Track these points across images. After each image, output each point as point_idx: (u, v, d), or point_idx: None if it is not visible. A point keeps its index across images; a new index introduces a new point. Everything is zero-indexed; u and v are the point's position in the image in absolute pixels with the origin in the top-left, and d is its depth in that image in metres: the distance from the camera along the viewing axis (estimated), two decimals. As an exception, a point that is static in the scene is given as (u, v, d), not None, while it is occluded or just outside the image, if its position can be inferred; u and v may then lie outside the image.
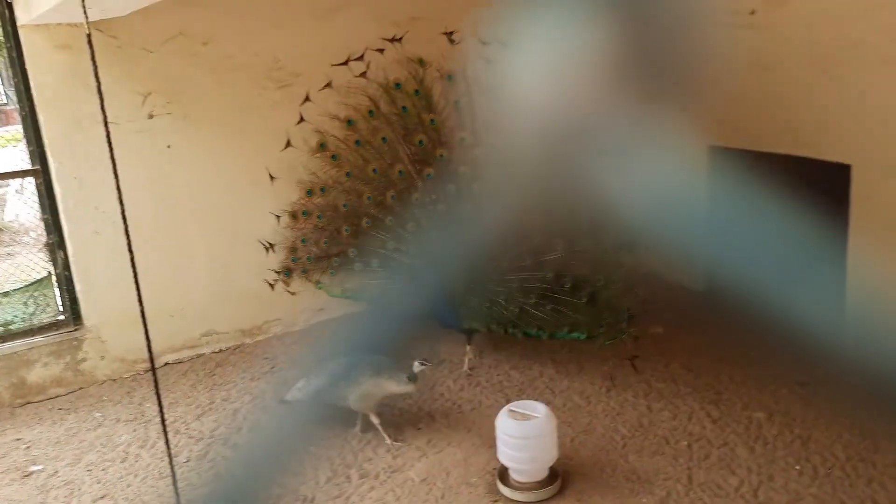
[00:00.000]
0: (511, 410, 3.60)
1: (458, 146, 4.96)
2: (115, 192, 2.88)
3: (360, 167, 5.23)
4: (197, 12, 5.04)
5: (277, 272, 5.62)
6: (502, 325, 4.69)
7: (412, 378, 3.95)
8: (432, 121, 5.02)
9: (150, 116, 5.06)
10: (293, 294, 5.69)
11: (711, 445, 3.86)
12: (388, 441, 4.06)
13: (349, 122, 5.29)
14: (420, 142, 5.04)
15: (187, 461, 4.09)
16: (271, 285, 5.65)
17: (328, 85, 5.36)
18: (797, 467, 3.62)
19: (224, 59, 5.23)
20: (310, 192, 5.42)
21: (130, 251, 2.72)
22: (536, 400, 3.82)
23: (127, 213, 2.92)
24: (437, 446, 4.03)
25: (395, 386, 3.98)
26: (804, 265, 0.41)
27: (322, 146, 5.37)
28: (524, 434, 3.49)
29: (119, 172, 2.88)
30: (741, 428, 3.99)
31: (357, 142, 5.22)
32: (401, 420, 4.27)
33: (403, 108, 5.11)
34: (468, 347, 4.90)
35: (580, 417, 4.23)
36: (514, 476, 3.57)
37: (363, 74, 5.35)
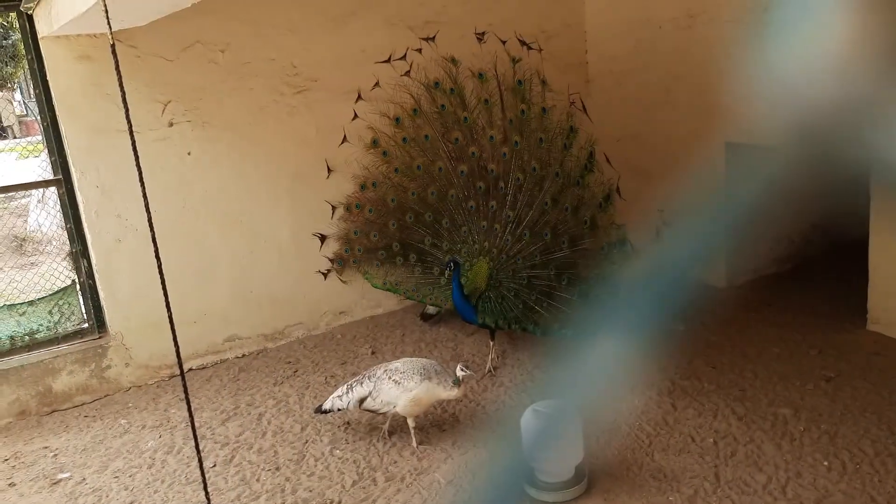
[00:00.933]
0: (535, 410, 3.59)
1: (488, 144, 5.01)
2: (137, 200, 2.90)
3: (406, 163, 5.33)
4: (213, 20, 5.08)
5: (332, 260, 5.74)
6: (508, 320, 4.74)
7: (457, 383, 3.96)
8: (465, 119, 5.07)
9: (171, 124, 5.10)
10: (345, 283, 5.84)
11: (738, 442, 3.84)
12: (415, 444, 4.07)
13: (397, 121, 5.36)
14: (456, 139, 5.11)
15: (213, 466, 4.11)
16: (324, 275, 5.76)
17: (377, 84, 5.46)
18: (825, 463, 3.60)
19: (241, 66, 5.27)
20: (363, 187, 5.56)
21: (158, 258, 2.74)
22: (561, 399, 3.80)
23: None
24: (463, 448, 4.04)
25: (443, 391, 3.97)
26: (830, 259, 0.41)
27: (375, 143, 5.46)
28: (550, 434, 3.48)
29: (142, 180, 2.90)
30: (767, 424, 3.97)
31: (405, 139, 5.30)
32: (425, 422, 4.28)
33: (442, 106, 5.17)
34: (492, 345, 4.92)
35: (605, 416, 4.21)
36: (541, 476, 3.57)
37: (407, 73, 5.41)
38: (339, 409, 4.17)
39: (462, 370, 3.94)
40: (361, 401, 4.07)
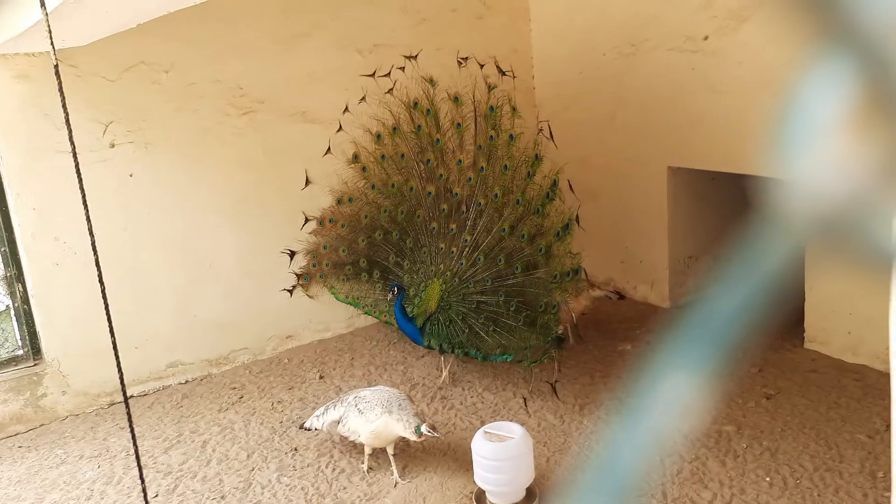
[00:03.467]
0: (486, 432, 3.60)
1: (456, 167, 5.01)
2: (76, 222, 2.83)
3: (383, 181, 5.32)
4: (158, 41, 5.01)
5: (298, 275, 5.71)
6: (452, 345, 4.74)
7: (418, 432, 3.70)
8: (437, 140, 5.08)
9: (112, 145, 4.99)
10: (311, 298, 5.82)
11: (683, 460, 3.90)
12: (365, 468, 4.01)
13: (378, 137, 5.34)
14: (427, 161, 5.11)
15: (156, 496, 3.99)
16: (290, 291, 5.74)
17: (363, 99, 5.44)
18: (767, 479, 3.69)
19: (186, 87, 5.20)
20: (339, 201, 5.56)
21: (101, 282, 2.67)
22: (511, 421, 3.83)
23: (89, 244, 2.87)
24: (413, 472, 4.01)
25: (401, 429, 3.74)
26: (765, 280, 0.43)
27: (356, 157, 5.45)
28: (501, 455, 3.49)
29: (79, 202, 2.83)
30: (711, 442, 4.05)
31: (383, 156, 5.29)
32: (374, 446, 4.23)
33: (418, 126, 5.17)
34: (443, 358, 4.99)
35: (555, 437, 4.25)
36: (492, 498, 3.56)
37: (390, 91, 5.38)
38: (315, 429, 4.09)
39: (427, 430, 3.69)
40: (333, 424, 3.99)
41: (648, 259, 6.02)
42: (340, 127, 5.53)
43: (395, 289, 4.78)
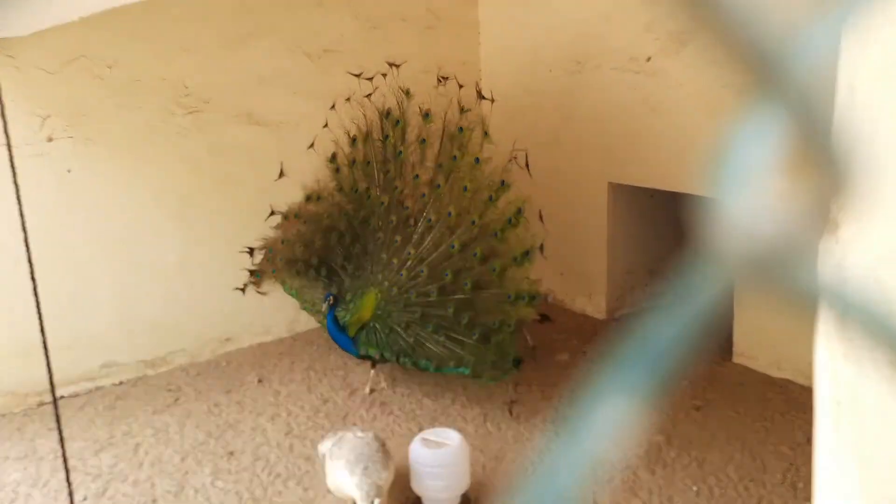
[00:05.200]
0: (424, 438, 3.63)
1: (412, 181, 5.00)
2: (8, 218, 2.77)
3: (350, 185, 5.31)
4: (102, 34, 4.91)
5: (251, 272, 5.67)
6: (396, 353, 4.71)
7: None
8: (399, 153, 5.06)
9: (49, 140, 4.87)
10: (264, 294, 5.78)
11: (614, 469, 3.99)
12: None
13: (353, 141, 5.30)
14: (388, 171, 5.10)
15: (84, 499, 3.90)
16: (242, 290, 5.71)
17: (348, 99, 5.40)
18: (694, 488, 3.81)
19: (130, 83, 5.11)
20: (308, 198, 5.53)
21: (33, 279, 2.61)
22: (449, 427, 3.87)
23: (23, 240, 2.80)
24: (349, 477, 4.00)
25: (357, 496, 3.30)
26: (697, 296, 0.47)
27: (333, 157, 5.42)
28: (438, 462, 3.53)
29: (13, 197, 2.76)
30: (642, 451, 4.16)
31: (353, 161, 5.27)
32: (311, 451, 4.21)
33: (386, 136, 5.14)
34: (372, 373, 4.99)
35: (491, 444, 4.30)
36: (427, 504, 3.59)
37: (368, 96, 5.35)
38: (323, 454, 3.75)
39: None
40: (324, 457, 3.67)
41: (587, 272, 6.15)
42: (326, 124, 5.50)
43: (331, 298, 4.77)
